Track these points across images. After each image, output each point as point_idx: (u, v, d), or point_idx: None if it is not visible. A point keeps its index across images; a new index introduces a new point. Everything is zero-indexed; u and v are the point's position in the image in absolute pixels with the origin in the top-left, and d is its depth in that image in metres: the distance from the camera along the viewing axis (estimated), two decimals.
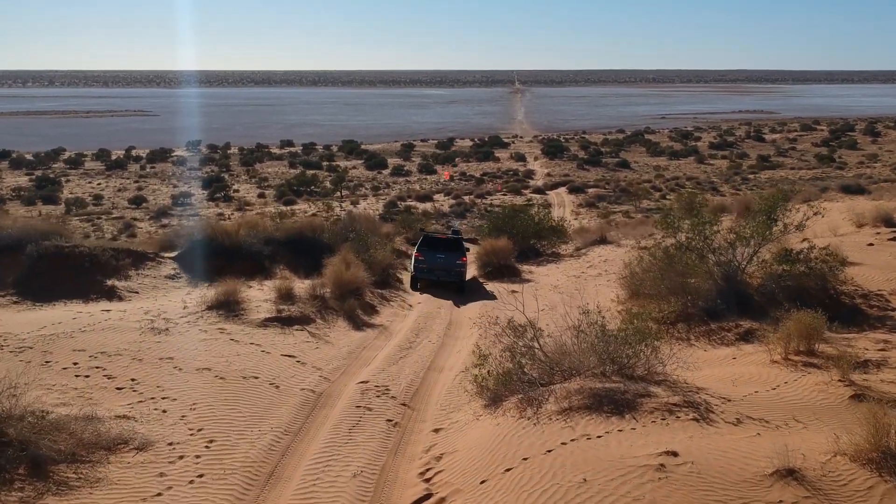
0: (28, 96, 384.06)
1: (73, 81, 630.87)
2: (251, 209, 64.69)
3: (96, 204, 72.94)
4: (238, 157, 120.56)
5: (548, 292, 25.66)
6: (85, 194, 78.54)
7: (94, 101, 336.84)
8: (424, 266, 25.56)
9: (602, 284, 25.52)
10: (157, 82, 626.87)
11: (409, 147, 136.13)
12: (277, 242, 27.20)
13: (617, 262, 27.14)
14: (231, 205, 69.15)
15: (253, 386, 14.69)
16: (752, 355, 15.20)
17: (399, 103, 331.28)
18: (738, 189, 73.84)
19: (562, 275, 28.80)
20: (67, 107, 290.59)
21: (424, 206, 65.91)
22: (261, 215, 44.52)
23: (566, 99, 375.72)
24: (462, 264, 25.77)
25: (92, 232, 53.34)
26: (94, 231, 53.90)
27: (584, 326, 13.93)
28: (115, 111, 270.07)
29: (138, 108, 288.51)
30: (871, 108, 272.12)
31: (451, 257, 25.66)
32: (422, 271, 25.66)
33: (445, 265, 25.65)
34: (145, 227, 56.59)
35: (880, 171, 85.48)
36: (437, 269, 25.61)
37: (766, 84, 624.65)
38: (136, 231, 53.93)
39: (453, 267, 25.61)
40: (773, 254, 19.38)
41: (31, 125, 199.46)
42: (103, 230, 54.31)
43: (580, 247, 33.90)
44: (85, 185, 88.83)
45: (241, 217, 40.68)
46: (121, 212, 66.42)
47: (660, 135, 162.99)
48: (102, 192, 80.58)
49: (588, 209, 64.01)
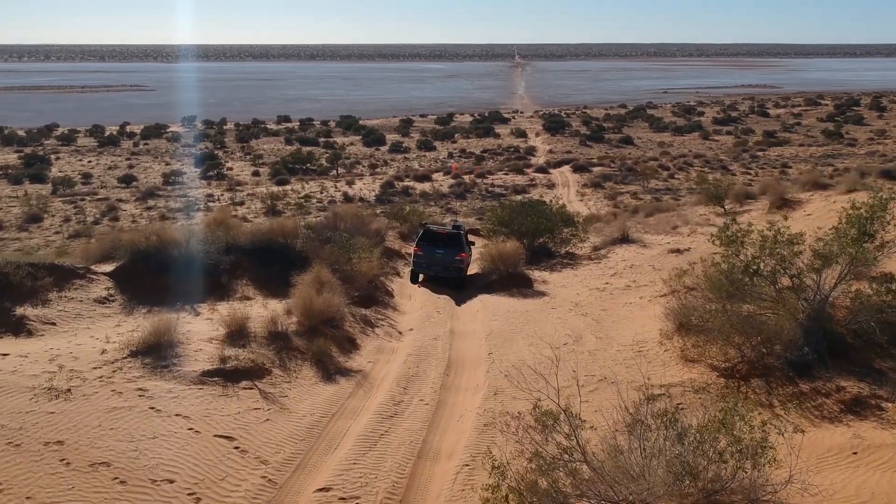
0: (23, 71, 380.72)
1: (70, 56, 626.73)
2: (242, 190, 62.50)
3: (85, 183, 70.86)
4: (234, 134, 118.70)
5: (567, 313, 20.43)
6: (74, 172, 76.38)
7: (90, 75, 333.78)
8: (423, 261, 24.84)
9: (634, 303, 20.37)
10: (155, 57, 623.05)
11: (407, 122, 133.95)
12: (241, 250, 22.40)
13: (645, 268, 23.41)
14: (223, 184, 66.98)
15: (163, 498, 10.20)
16: (879, 449, 10.49)
17: (398, 78, 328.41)
18: (748, 168, 71.58)
19: (582, 286, 23.45)
20: (63, 82, 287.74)
21: (423, 186, 63.69)
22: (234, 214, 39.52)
23: (567, 73, 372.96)
24: (461, 260, 24.77)
25: (73, 215, 51.29)
26: (76, 214, 51.83)
27: (646, 418, 9.72)
28: (111, 86, 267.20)
29: (135, 82, 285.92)
30: (875, 82, 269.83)
31: (450, 253, 24.64)
32: (420, 266, 24.97)
33: (444, 261, 24.66)
34: (130, 209, 54.36)
35: (893, 148, 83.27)
36: (436, 264, 24.64)
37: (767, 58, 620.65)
38: (119, 214, 51.77)
39: (452, 262, 24.61)
40: (869, 279, 14.43)
41: (24, 100, 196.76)
42: (85, 213, 52.16)
43: (598, 246, 28.58)
44: (75, 162, 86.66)
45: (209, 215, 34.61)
46: (110, 191, 64.30)
47: (662, 109, 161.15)
48: (92, 171, 78.44)
49: (594, 189, 61.77)
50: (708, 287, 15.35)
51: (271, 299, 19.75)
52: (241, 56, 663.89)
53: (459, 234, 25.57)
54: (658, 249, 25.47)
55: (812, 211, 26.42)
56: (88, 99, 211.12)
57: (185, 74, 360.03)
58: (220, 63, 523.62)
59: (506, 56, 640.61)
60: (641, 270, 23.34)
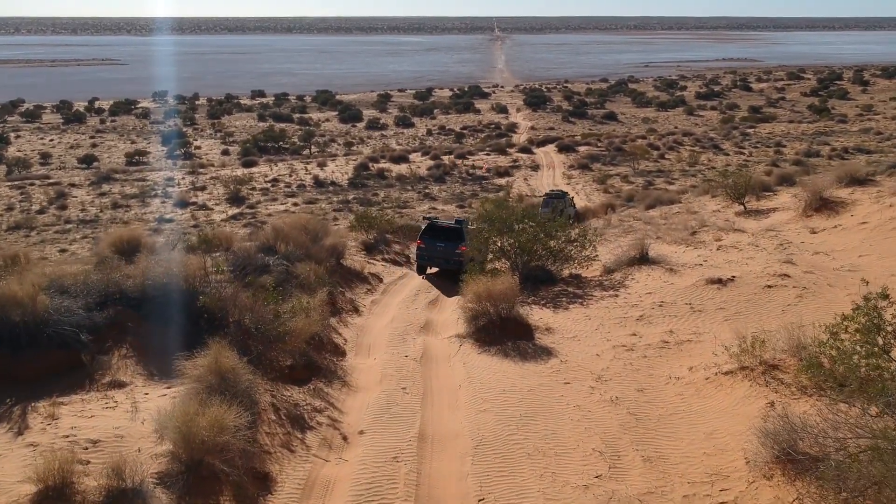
0: None
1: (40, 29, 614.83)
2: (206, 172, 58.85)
3: (43, 163, 67.18)
4: (206, 109, 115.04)
5: (589, 396, 13.26)
6: (33, 152, 72.61)
7: (60, 49, 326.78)
8: (425, 253, 25.91)
9: (683, 380, 13.27)
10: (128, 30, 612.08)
11: (385, 97, 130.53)
12: (127, 300, 14.65)
13: (680, 307, 17.35)
14: (189, 164, 63.43)
15: None
16: None
17: (376, 51, 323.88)
18: (741, 147, 68.71)
19: (600, 337, 16.38)
20: (32, 55, 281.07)
21: (399, 168, 60.45)
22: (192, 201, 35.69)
23: (547, 46, 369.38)
24: (461, 253, 25.25)
25: (19, 202, 47.50)
26: (22, 201, 47.94)
27: None
28: (82, 60, 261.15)
29: (106, 56, 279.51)
30: (855, 55, 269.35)
31: (451, 246, 25.67)
32: (423, 258, 26.07)
33: (445, 253, 25.70)
34: (82, 195, 50.44)
35: (885, 125, 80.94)
36: (437, 256, 25.78)
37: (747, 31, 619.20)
38: (68, 202, 47.92)
39: (452, 255, 25.57)
40: None
41: None
42: (32, 200, 48.33)
43: (611, 268, 21.68)
44: (36, 141, 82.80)
45: (109, 234, 22.64)
46: (69, 173, 60.68)
47: (644, 84, 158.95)
48: (53, 150, 74.55)
49: (581, 171, 58.72)
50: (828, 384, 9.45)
51: (156, 385, 12.53)
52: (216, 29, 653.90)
53: (460, 228, 26.47)
54: (690, 277, 19.36)
55: (865, 216, 22.63)
56: (58, 73, 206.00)
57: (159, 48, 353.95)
58: (194, 36, 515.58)
59: (485, 29, 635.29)
60: (677, 312, 17.25)
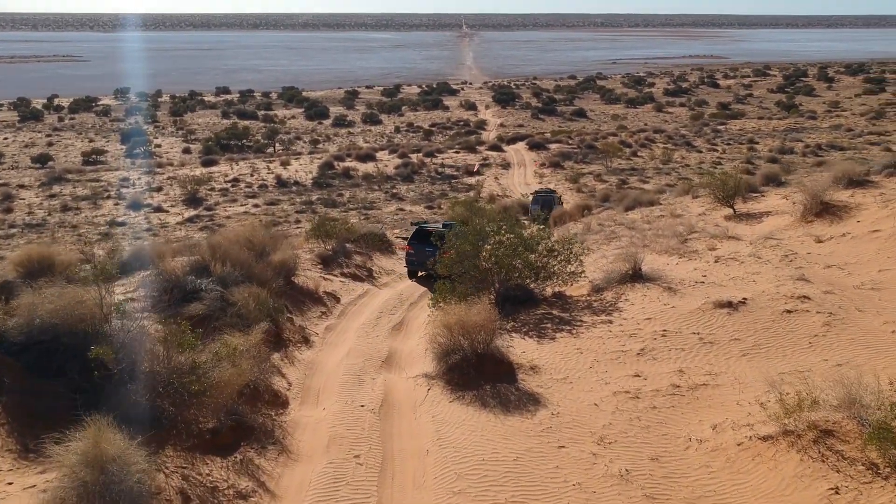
0: None
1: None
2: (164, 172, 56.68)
3: None
4: (169, 106, 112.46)
5: (591, 469, 9.91)
6: None
7: (19, 45, 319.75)
8: (415, 258, 25.87)
9: (708, 444, 10.11)
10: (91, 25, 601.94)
11: (353, 94, 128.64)
12: (8, 347, 11.10)
13: (687, 337, 14.12)
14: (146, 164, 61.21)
15: None
16: None
17: (343, 48, 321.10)
18: (713, 144, 67.87)
19: (596, 380, 12.98)
20: None
21: (366, 167, 58.75)
22: None
23: (514, 43, 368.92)
24: None
25: None
26: None
27: None
28: (42, 56, 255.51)
29: (68, 52, 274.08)
30: (818, 52, 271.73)
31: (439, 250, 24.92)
32: (412, 263, 26.11)
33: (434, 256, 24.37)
34: (30, 197, 48.22)
35: (855, 122, 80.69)
36: (426, 261, 25.18)
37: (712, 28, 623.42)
38: (14, 204, 45.69)
39: None
40: None
41: None
42: None
43: (600, 285, 18.08)
44: None
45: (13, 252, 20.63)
46: (20, 173, 58.32)
47: (612, 80, 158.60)
48: (6, 150, 71.90)
49: (553, 170, 57.40)
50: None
51: (29, 467, 9.28)
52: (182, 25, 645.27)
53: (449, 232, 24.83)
54: (694, 298, 16.06)
55: (875, 223, 20.48)
56: (16, 70, 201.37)
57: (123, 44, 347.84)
58: (160, 32, 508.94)
59: (453, 26, 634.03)
60: (683, 344, 14.01)
